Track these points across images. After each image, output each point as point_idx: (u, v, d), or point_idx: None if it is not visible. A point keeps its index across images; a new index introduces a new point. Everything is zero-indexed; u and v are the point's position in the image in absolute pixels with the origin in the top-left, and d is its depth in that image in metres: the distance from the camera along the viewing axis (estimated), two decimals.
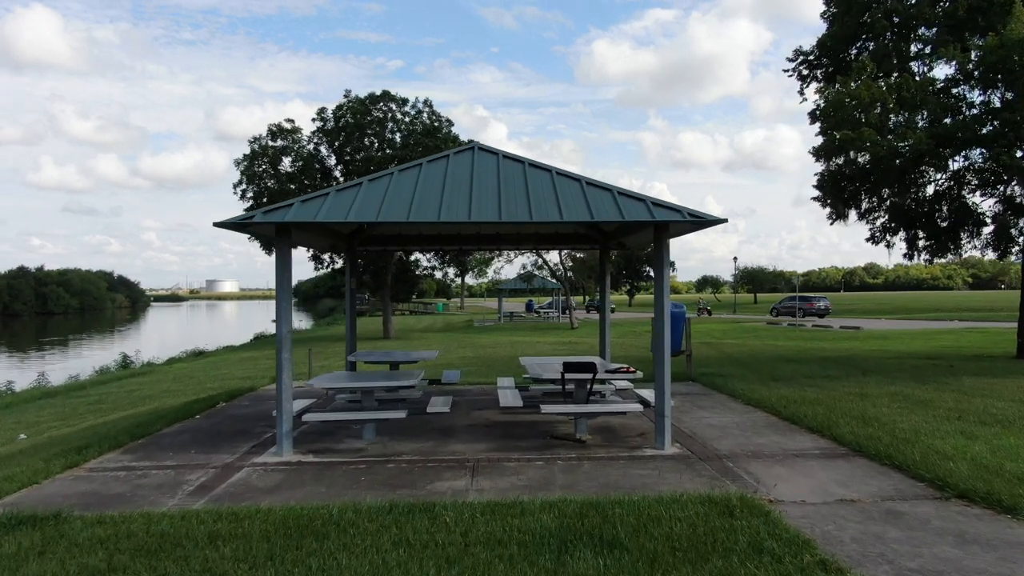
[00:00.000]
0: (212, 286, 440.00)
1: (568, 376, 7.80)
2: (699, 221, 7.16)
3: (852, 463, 6.81)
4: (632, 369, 8.10)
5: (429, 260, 34.81)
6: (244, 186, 30.73)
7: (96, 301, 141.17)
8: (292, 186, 29.01)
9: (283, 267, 7.41)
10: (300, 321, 72.15)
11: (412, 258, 34.82)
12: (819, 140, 14.39)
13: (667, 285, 7.52)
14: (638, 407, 7.91)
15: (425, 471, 6.69)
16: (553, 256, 41.50)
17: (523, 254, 41.49)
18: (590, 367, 7.76)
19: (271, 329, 49.46)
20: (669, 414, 7.54)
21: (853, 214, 14.62)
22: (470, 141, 9.10)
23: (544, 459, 7.09)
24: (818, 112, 14.46)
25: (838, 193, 13.76)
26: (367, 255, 32.81)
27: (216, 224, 7.02)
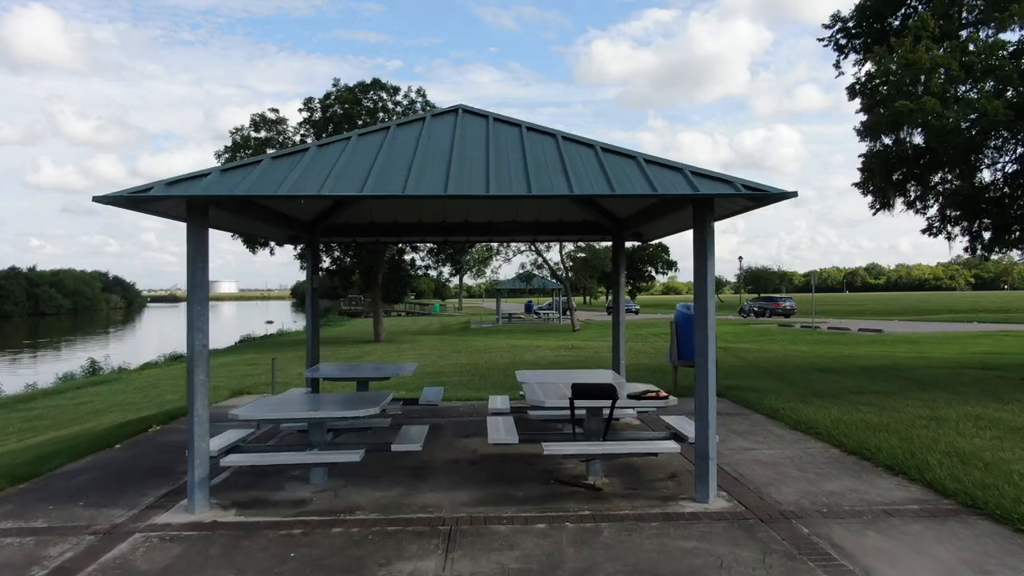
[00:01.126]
0: (210, 287, 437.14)
1: (579, 404, 5.92)
2: (758, 195, 5.27)
3: (973, 528, 4.93)
4: (663, 394, 6.19)
5: (423, 259, 32.93)
6: None
7: (90, 302, 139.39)
8: None
9: (196, 255, 5.51)
10: (295, 322, 70.29)
11: (409, 257, 32.95)
12: (859, 119, 12.54)
13: (710, 280, 5.65)
14: (673, 446, 6.01)
15: (383, 541, 4.81)
16: (553, 255, 39.63)
17: (522, 252, 39.58)
18: (607, 391, 5.87)
19: (259, 331, 47.81)
20: (714, 455, 5.66)
21: (899, 203, 12.73)
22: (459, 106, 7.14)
23: (548, 518, 5.21)
24: (860, 85, 12.59)
25: (887, 177, 11.88)
26: (357, 248, 30.92)
27: (98, 199, 5.12)
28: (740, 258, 77.57)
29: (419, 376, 15.28)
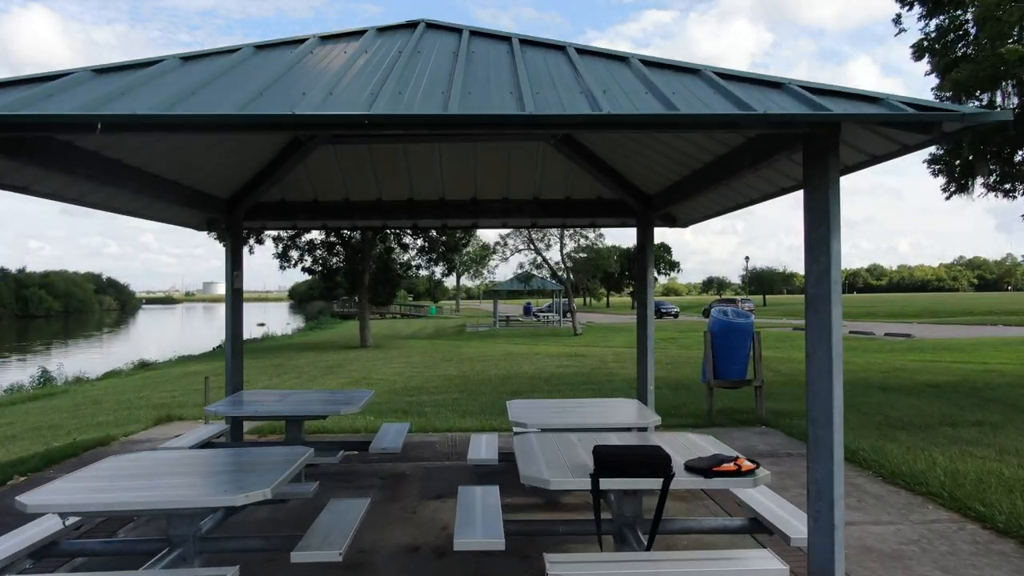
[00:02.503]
0: (209, 288, 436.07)
1: (609, 485, 3.51)
2: (932, 117, 2.90)
3: None
4: (747, 463, 3.75)
5: (414, 258, 30.57)
6: None
7: (82, 304, 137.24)
8: None
9: None
10: (288, 324, 67.93)
11: (405, 258, 30.59)
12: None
13: (835, 275, 3.30)
14: (777, 566, 3.56)
15: None
16: (554, 254, 37.27)
17: (520, 251, 37.17)
18: (654, 462, 3.46)
19: (246, 334, 45.08)
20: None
21: (979, 185, 10.40)
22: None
23: None
24: (930, 41, 10.28)
25: (979, 150, 9.54)
26: (342, 244, 28.53)
27: None
28: (746, 258, 75.32)
29: (397, 392, 12.93)
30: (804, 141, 3.26)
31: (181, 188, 5.62)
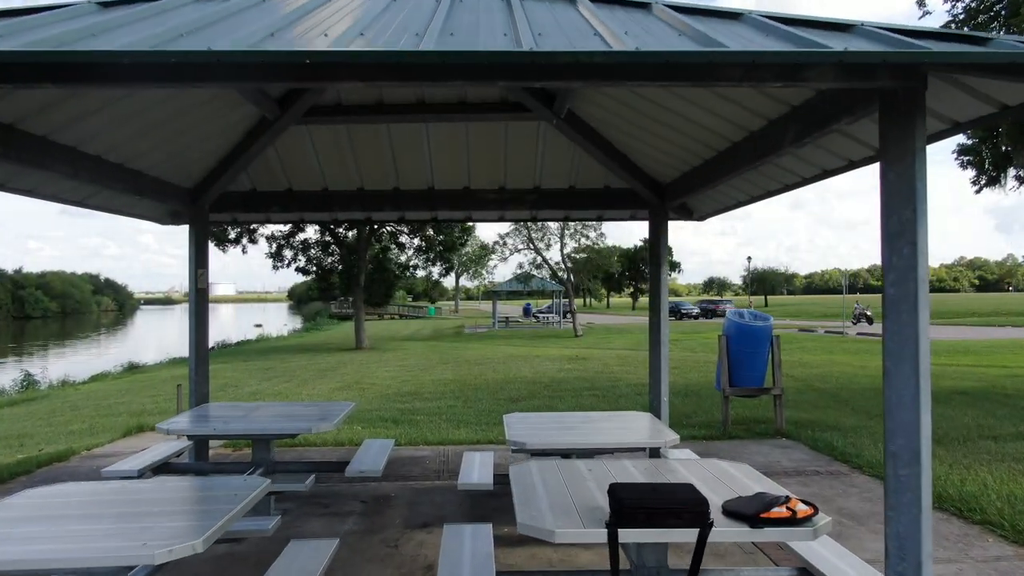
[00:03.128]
0: (208, 289, 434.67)
1: (630, 538, 2.77)
2: None
3: None
4: (803, 507, 2.99)
5: (410, 257, 29.85)
6: None
7: (79, 304, 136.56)
8: None
9: None
10: (285, 325, 67.18)
11: (403, 259, 29.87)
12: None
13: (923, 263, 2.57)
14: None
15: None
16: (554, 253, 36.54)
17: (519, 250, 36.43)
18: (686, 506, 2.73)
19: (242, 335, 44.53)
20: None
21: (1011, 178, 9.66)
22: None
23: None
24: (957, 24, 9.56)
25: (1021, 137, 8.78)
26: (337, 244, 27.82)
27: None
28: (749, 258, 74.48)
29: (390, 398, 12.20)
30: (883, 99, 2.53)
31: (138, 176, 4.90)
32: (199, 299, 5.99)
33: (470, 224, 30.19)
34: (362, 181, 6.07)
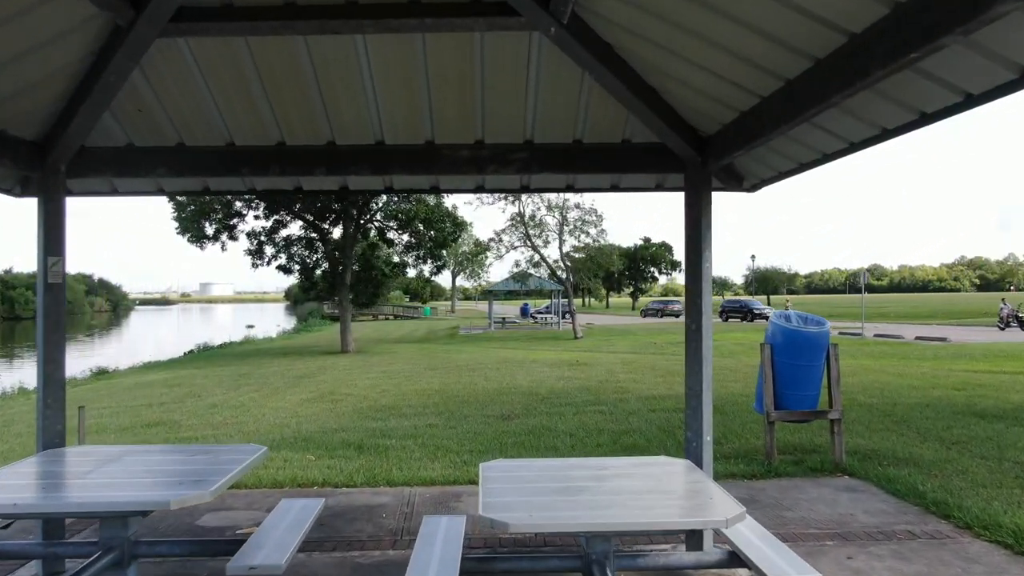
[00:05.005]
0: (205, 289, 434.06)
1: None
2: None
3: None
4: None
5: (399, 254, 28.07)
6: None
7: (71, 305, 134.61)
8: None
9: None
10: (277, 326, 65.41)
11: (397, 259, 28.06)
12: None
13: None
14: None
15: None
16: (552, 251, 34.75)
17: (516, 247, 34.56)
18: None
19: (227, 337, 42.55)
20: None
21: None
22: None
23: None
24: None
25: None
26: (322, 241, 26.00)
27: None
28: (752, 256, 72.71)
29: (362, 414, 10.41)
30: None
31: None
32: (50, 299, 4.23)
33: (462, 219, 28.44)
34: (282, 133, 4.30)
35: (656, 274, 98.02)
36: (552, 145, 4.44)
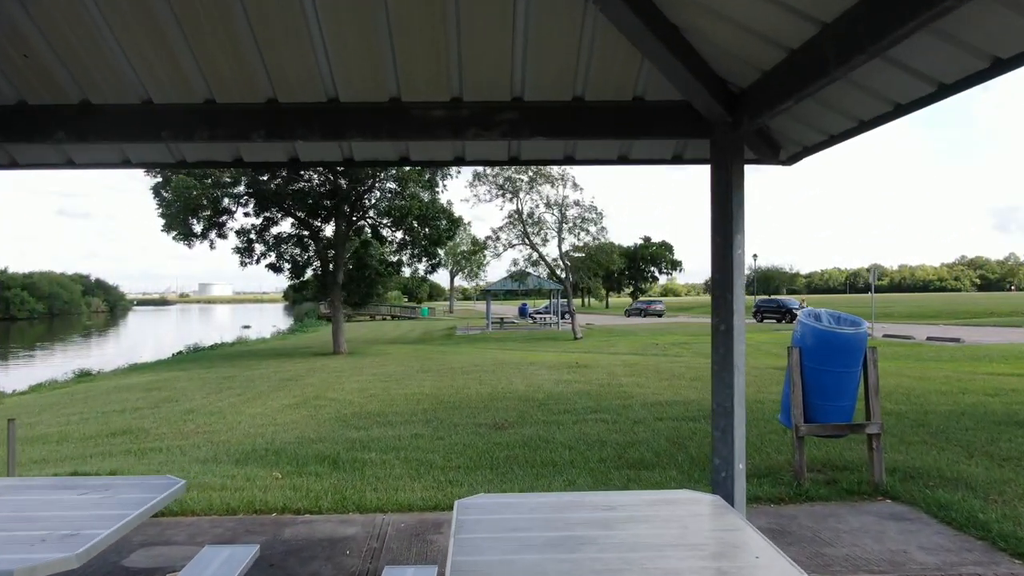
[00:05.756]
0: (204, 289, 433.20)
1: None
2: None
3: None
4: None
5: (393, 252, 27.20)
6: None
7: (67, 306, 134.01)
8: None
9: None
10: (273, 326, 64.58)
11: (394, 259, 27.18)
12: None
13: None
14: None
15: None
16: (551, 249, 33.91)
17: (513, 246, 33.67)
18: None
19: (216, 339, 41.57)
20: None
21: None
22: None
23: None
24: None
25: None
26: (312, 237, 25.18)
27: None
28: (755, 256, 71.95)
29: (344, 421, 9.55)
30: None
31: None
32: None
33: (459, 217, 27.58)
34: (210, 88, 3.46)
35: (656, 273, 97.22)
36: (547, 104, 3.59)
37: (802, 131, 3.65)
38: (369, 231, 26.13)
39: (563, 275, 33.56)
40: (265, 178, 24.22)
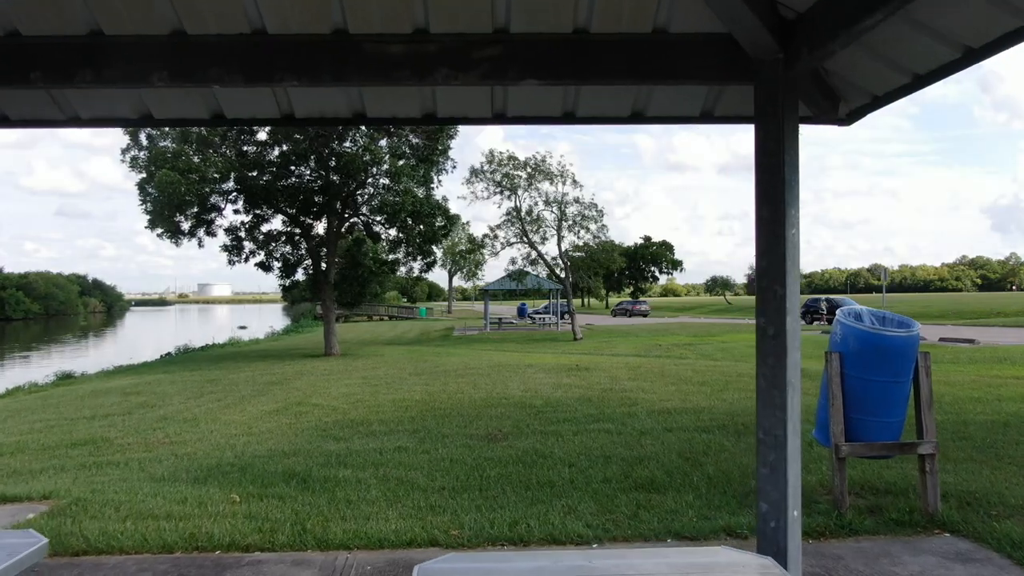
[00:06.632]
0: (203, 290, 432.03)
1: None
2: None
3: None
4: None
5: (386, 250, 26.34)
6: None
7: (63, 306, 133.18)
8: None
9: None
10: (270, 327, 63.74)
11: (391, 257, 26.33)
12: None
13: None
14: None
15: None
16: (551, 248, 33.05)
17: (511, 244, 32.78)
18: None
19: (210, 340, 40.65)
20: None
21: None
22: None
23: None
24: None
25: None
26: (304, 237, 24.31)
27: None
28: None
29: (324, 431, 8.67)
30: None
31: None
32: None
33: (456, 215, 26.73)
34: (94, 15, 2.60)
35: (657, 273, 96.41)
36: (541, 36, 2.73)
37: (875, 73, 2.79)
38: (362, 228, 25.29)
39: (563, 274, 32.70)
40: (254, 174, 23.39)
